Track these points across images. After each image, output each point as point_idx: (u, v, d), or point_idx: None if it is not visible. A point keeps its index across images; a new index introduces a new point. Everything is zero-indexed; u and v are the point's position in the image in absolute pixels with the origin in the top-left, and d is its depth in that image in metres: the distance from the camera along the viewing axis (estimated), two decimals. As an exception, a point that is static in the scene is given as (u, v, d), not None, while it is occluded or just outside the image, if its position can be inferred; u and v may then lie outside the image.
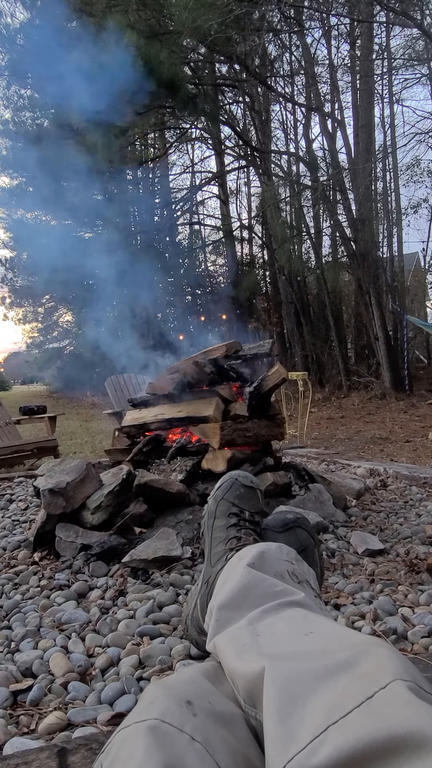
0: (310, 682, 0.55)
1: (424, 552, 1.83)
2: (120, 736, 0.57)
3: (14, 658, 1.26)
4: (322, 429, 7.93)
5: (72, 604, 1.54)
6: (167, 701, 0.59)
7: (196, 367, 2.41)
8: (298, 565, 0.91)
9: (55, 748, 0.87)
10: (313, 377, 12.03)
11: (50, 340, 17.85)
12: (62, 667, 1.19)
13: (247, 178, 16.89)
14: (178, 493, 2.08)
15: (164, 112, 10.70)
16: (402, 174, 12.93)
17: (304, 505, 2.15)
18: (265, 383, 2.35)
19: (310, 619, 0.71)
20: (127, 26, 6.59)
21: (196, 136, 15.10)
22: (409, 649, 1.23)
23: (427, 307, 18.99)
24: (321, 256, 13.60)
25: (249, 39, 8.80)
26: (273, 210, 11.77)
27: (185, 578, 1.66)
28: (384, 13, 9.76)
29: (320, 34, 10.93)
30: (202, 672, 0.71)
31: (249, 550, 0.92)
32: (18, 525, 2.40)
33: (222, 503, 1.11)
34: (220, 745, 0.56)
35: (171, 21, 7.59)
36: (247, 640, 0.69)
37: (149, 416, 2.62)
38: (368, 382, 11.27)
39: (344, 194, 10.64)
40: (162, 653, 1.22)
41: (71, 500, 1.99)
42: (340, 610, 1.43)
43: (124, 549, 1.82)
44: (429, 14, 8.55)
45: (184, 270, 15.21)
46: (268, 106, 13.54)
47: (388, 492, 2.79)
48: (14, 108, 8.85)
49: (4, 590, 1.69)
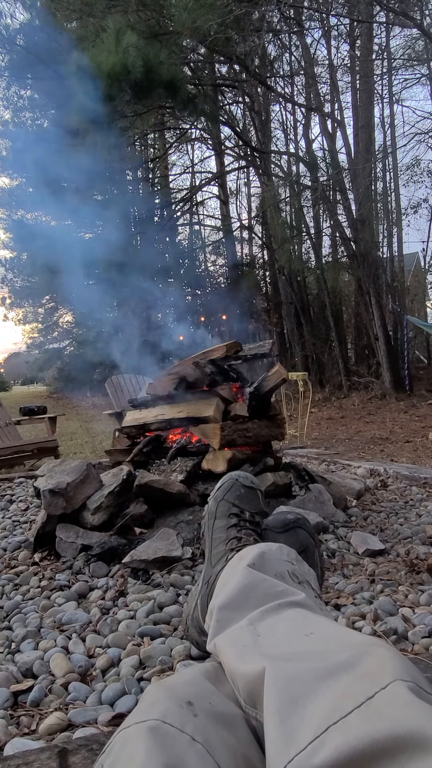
0: (310, 683, 0.55)
1: (424, 552, 1.83)
2: (121, 736, 0.57)
3: (15, 659, 1.26)
4: (322, 429, 7.93)
5: (72, 605, 1.54)
6: (168, 702, 0.59)
7: (196, 367, 2.41)
8: (299, 566, 0.91)
9: (55, 749, 0.87)
10: (313, 377, 12.03)
11: (50, 341, 17.84)
12: (63, 668, 1.19)
13: (247, 178, 16.90)
14: (179, 493, 2.08)
15: (164, 112, 10.70)
16: (402, 174, 12.95)
17: (304, 506, 2.15)
18: (266, 384, 2.35)
19: (310, 620, 0.71)
20: (127, 27, 6.59)
21: (196, 137, 15.10)
22: (410, 649, 1.23)
23: (427, 307, 19.00)
24: (321, 257, 13.60)
25: (249, 39, 8.81)
26: (273, 210, 11.77)
27: (186, 579, 1.66)
28: (384, 14, 9.75)
29: (320, 34, 10.96)
30: (203, 672, 0.71)
31: (249, 550, 0.92)
32: (18, 526, 2.40)
33: (222, 504, 1.11)
34: (220, 745, 0.56)
35: (171, 21, 7.58)
36: (248, 641, 0.69)
37: (149, 417, 2.62)
38: (368, 382, 11.27)
39: (344, 194, 10.64)
40: (162, 654, 1.23)
41: (71, 501, 1.99)
42: (340, 611, 1.43)
43: (125, 549, 1.83)
44: (428, 14, 8.55)
45: (184, 270, 15.21)
46: (268, 107, 13.53)
47: (389, 492, 2.80)
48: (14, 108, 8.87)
49: (5, 591, 1.69)
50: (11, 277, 14.31)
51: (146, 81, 6.59)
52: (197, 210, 16.68)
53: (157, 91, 7.13)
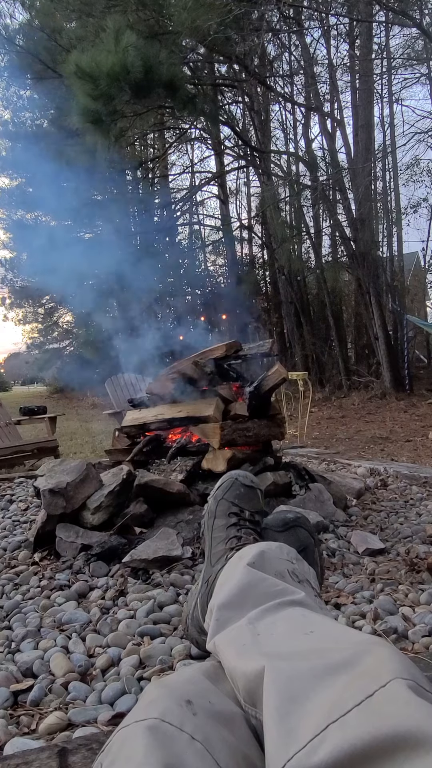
0: (310, 681, 0.55)
1: (424, 551, 1.83)
2: (120, 735, 0.57)
3: (15, 659, 1.26)
4: (322, 429, 7.93)
5: (72, 605, 1.54)
6: (167, 701, 0.59)
7: (196, 367, 2.41)
8: (299, 565, 0.91)
9: (55, 748, 0.87)
10: (313, 377, 12.02)
11: (50, 341, 17.84)
12: (63, 668, 1.19)
13: (247, 178, 16.87)
14: (179, 493, 2.08)
15: (163, 112, 10.70)
16: (401, 173, 12.91)
17: (304, 505, 2.15)
18: (265, 383, 2.35)
19: (310, 619, 0.71)
20: (127, 26, 6.58)
21: (196, 137, 15.09)
22: (410, 648, 1.23)
23: (427, 307, 18.98)
24: (321, 256, 13.59)
25: (248, 39, 8.80)
26: (273, 210, 11.77)
27: (185, 578, 1.66)
28: (383, 13, 9.75)
29: (319, 33, 10.93)
30: (203, 671, 0.71)
31: (249, 549, 0.92)
32: (18, 525, 2.40)
33: (222, 503, 1.11)
34: (220, 744, 0.56)
35: (170, 21, 7.58)
36: (248, 640, 0.69)
37: (149, 416, 2.62)
38: (368, 381, 11.26)
39: (344, 194, 10.64)
40: (162, 653, 1.22)
41: (71, 500, 1.99)
42: (340, 610, 1.43)
43: (125, 549, 1.82)
44: (428, 14, 8.54)
45: (183, 270, 15.20)
46: (268, 106, 13.51)
47: (389, 491, 2.79)
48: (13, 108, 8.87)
49: (5, 590, 1.68)
50: (11, 278, 14.32)
51: (146, 81, 6.59)
52: (197, 210, 16.69)
53: (156, 90, 7.13)
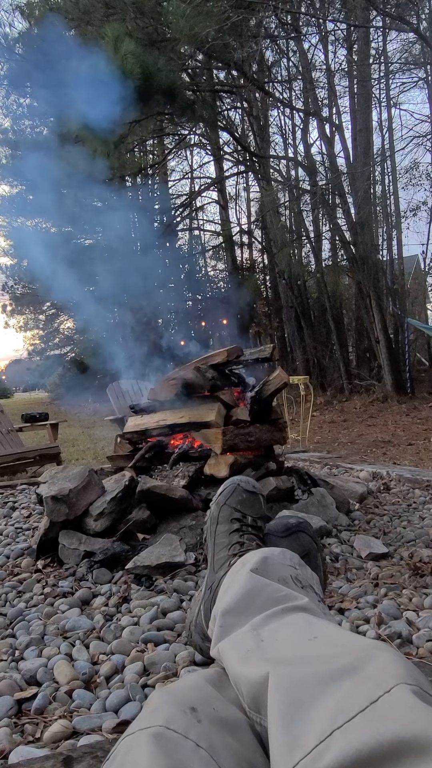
0: (314, 687, 0.55)
1: (428, 555, 1.82)
2: (125, 743, 0.57)
3: (18, 666, 1.26)
4: (324, 433, 7.92)
5: (76, 612, 1.54)
6: (171, 708, 0.59)
7: (198, 372, 2.41)
8: (302, 570, 0.91)
9: (60, 757, 0.87)
10: (315, 381, 12.01)
11: (51, 347, 17.88)
12: (67, 675, 1.19)
13: (246, 183, 16.93)
14: (181, 498, 2.07)
15: (163, 118, 10.75)
16: (400, 177, 12.92)
17: (306, 510, 2.14)
18: (267, 388, 2.36)
19: (314, 624, 0.70)
20: (125, 34, 6.62)
21: (195, 142, 15.16)
22: (414, 653, 1.23)
23: (427, 310, 18.95)
24: (321, 260, 13.60)
25: (246, 45, 8.85)
26: (272, 215, 11.79)
27: (189, 584, 1.66)
28: (380, 18, 9.79)
29: (317, 39, 10.96)
30: (207, 678, 0.71)
31: (252, 555, 0.92)
32: (21, 533, 2.40)
33: (224, 508, 1.11)
34: (224, 751, 0.56)
35: (168, 29, 7.62)
36: (251, 646, 0.69)
37: (151, 422, 2.62)
38: (370, 385, 11.25)
39: (343, 198, 10.66)
40: (166, 660, 1.22)
41: (74, 507, 1.99)
42: (344, 615, 1.43)
43: (128, 555, 1.82)
44: (425, 18, 8.59)
45: (184, 275, 15.24)
46: (266, 112, 13.58)
47: (391, 495, 2.79)
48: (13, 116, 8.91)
49: (8, 598, 1.68)
50: (12, 285, 14.36)
51: (145, 87, 6.62)
52: (197, 215, 16.74)
53: (155, 97, 7.16)
